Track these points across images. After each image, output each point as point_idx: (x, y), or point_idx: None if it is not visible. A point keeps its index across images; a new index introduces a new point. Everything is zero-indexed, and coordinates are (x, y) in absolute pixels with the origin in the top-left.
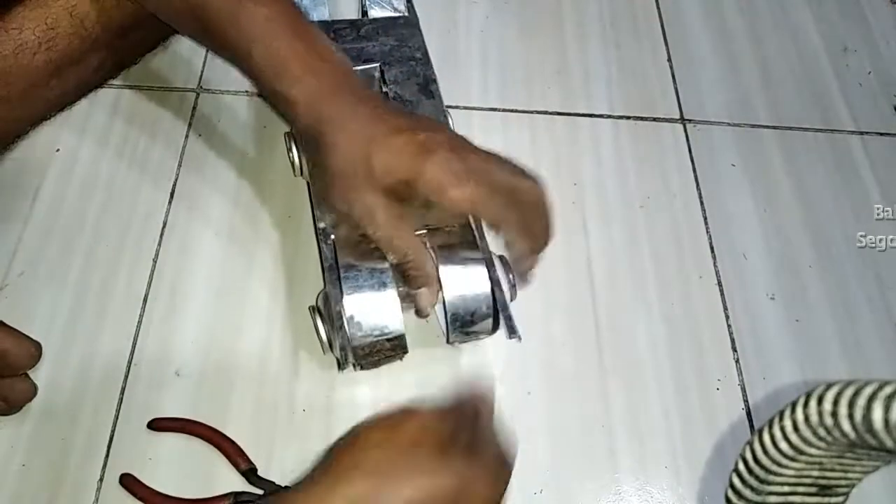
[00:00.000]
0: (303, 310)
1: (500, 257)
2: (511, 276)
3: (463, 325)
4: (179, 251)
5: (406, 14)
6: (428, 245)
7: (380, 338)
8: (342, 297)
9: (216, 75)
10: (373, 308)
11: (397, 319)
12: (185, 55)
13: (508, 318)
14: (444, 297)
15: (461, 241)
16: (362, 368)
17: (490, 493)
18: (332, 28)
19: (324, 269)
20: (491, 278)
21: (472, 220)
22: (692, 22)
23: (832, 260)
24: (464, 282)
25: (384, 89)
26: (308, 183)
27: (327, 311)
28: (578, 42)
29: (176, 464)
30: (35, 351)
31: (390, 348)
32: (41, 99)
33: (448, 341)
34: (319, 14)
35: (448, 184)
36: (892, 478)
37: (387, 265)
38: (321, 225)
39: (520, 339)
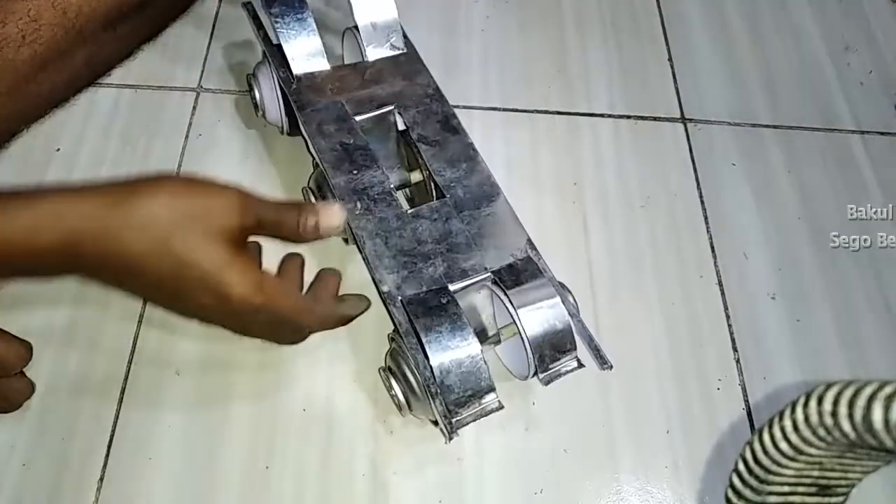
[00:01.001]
0: None
1: (561, 283)
2: (573, 300)
3: (552, 361)
4: None
5: (405, 50)
6: (491, 281)
7: (475, 395)
8: (429, 363)
9: (216, 75)
10: (463, 368)
11: (486, 374)
12: (185, 55)
13: (597, 350)
14: (525, 337)
15: (525, 271)
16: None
17: (228, 297)
18: (340, 74)
19: (400, 333)
20: (568, 310)
21: (530, 252)
22: (693, 21)
23: (833, 260)
24: (543, 319)
25: (408, 131)
26: (359, 246)
27: (405, 374)
28: (579, 41)
29: (177, 463)
30: (25, 352)
31: (485, 403)
32: (30, 94)
33: (535, 378)
34: (318, 64)
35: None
36: (892, 478)
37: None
38: (384, 288)
39: (611, 367)
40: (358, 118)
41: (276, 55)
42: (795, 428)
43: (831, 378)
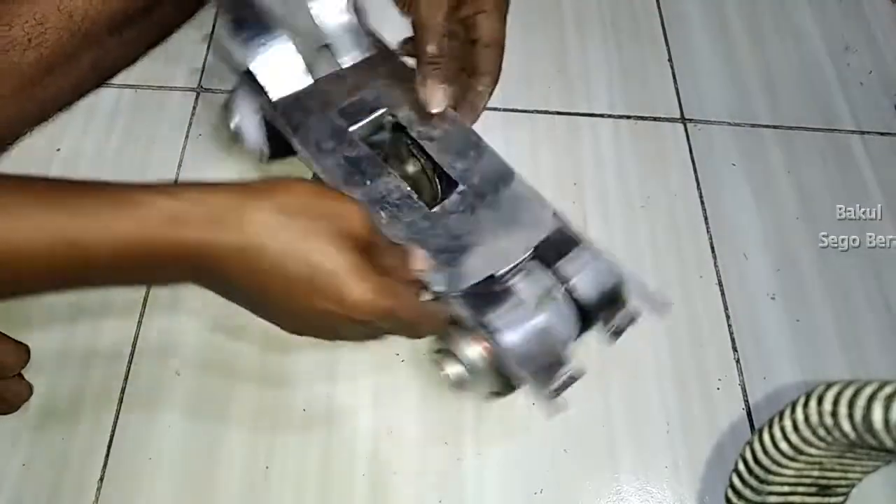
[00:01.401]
0: None
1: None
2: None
3: (610, 317)
4: None
5: (376, 51)
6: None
7: (554, 365)
8: (502, 344)
9: (216, 75)
10: (540, 343)
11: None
12: (185, 55)
13: (652, 296)
14: (582, 298)
15: (562, 241)
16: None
17: (350, 303)
18: (321, 88)
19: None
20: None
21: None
22: (693, 21)
23: (833, 260)
24: (597, 281)
25: (405, 130)
26: None
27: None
28: (579, 42)
29: (177, 463)
30: (23, 354)
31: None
32: (35, 98)
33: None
34: (300, 82)
35: None
36: (892, 478)
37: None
38: (438, 289)
39: (670, 306)
40: (353, 128)
41: (254, 80)
42: (795, 428)
43: (831, 378)
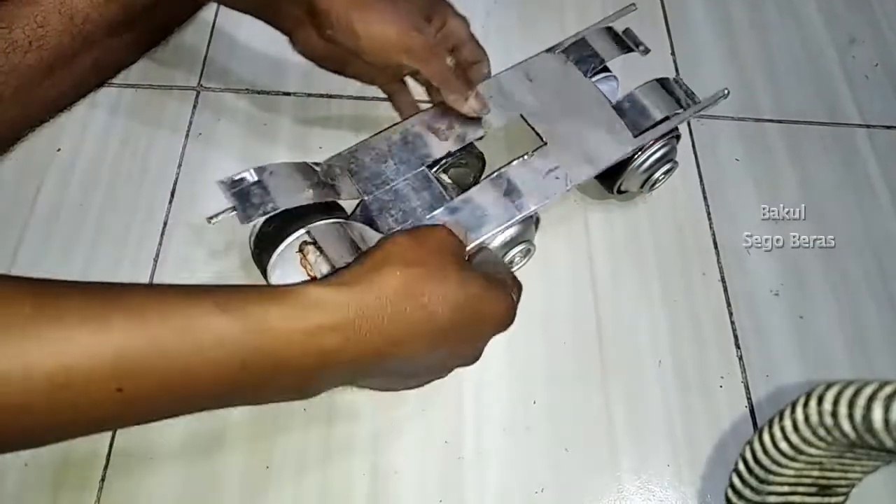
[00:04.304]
0: None
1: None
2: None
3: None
4: (180, 251)
5: None
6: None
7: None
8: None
9: (216, 74)
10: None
11: None
12: (185, 54)
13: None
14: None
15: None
16: None
17: (503, 315)
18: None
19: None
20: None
21: None
22: (696, 15)
23: (837, 256)
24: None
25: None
26: None
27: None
28: None
29: (178, 463)
30: None
31: None
32: (36, 100)
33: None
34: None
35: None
36: (892, 478)
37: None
38: None
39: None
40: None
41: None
42: (795, 428)
43: (835, 376)
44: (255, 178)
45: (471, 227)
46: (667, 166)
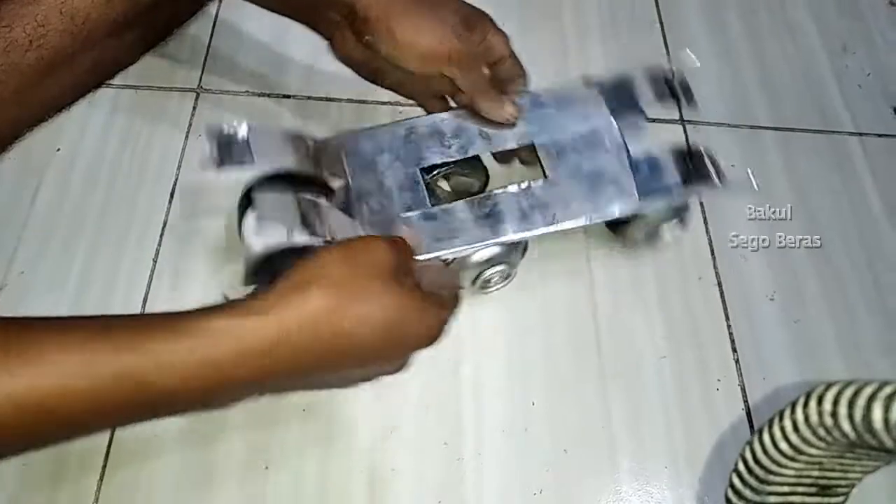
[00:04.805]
0: None
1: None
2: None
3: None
4: (180, 251)
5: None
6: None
7: None
8: None
9: (216, 75)
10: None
11: None
12: (185, 55)
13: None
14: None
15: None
16: None
17: (425, 334)
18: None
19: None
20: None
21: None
22: (692, 23)
23: (831, 261)
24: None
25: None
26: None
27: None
28: (578, 41)
29: (177, 463)
30: None
31: None
32: (36, 99)
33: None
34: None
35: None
36: (892, 478)
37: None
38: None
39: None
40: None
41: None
42: (795, 428)
43: (831, 378)
44: (244, 134)
45: (439, 239)
46: (674, 220)
